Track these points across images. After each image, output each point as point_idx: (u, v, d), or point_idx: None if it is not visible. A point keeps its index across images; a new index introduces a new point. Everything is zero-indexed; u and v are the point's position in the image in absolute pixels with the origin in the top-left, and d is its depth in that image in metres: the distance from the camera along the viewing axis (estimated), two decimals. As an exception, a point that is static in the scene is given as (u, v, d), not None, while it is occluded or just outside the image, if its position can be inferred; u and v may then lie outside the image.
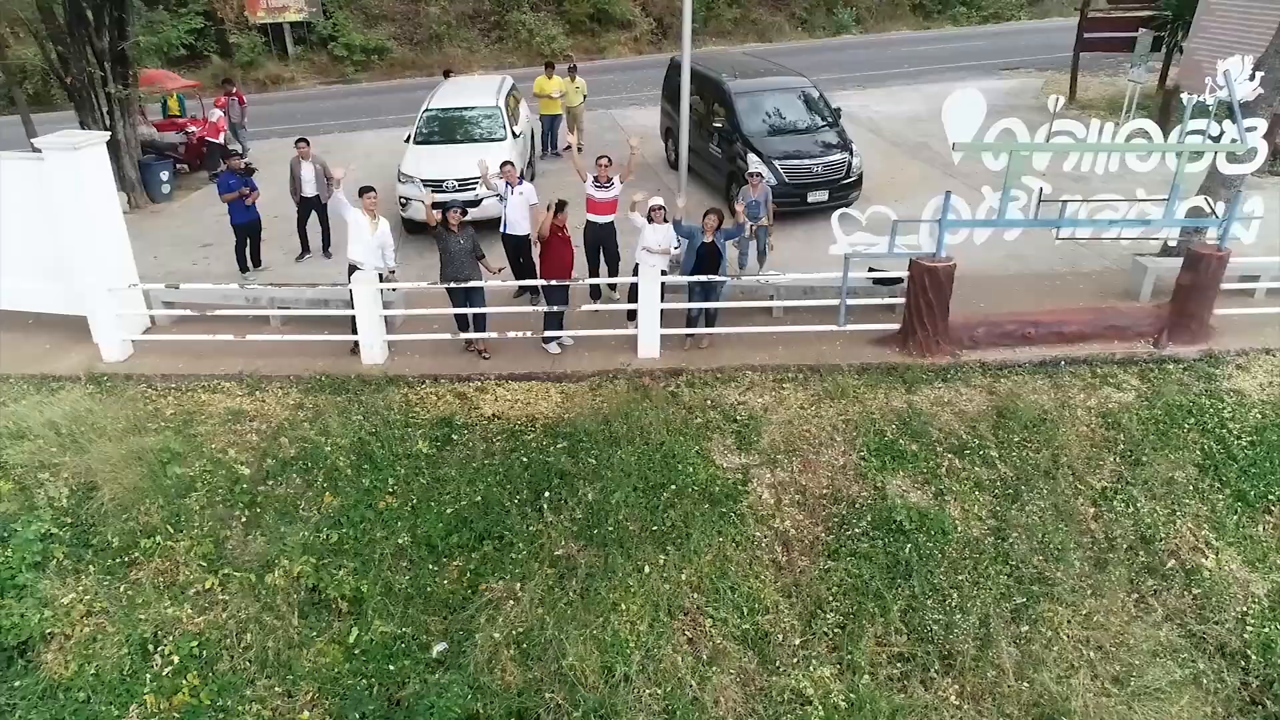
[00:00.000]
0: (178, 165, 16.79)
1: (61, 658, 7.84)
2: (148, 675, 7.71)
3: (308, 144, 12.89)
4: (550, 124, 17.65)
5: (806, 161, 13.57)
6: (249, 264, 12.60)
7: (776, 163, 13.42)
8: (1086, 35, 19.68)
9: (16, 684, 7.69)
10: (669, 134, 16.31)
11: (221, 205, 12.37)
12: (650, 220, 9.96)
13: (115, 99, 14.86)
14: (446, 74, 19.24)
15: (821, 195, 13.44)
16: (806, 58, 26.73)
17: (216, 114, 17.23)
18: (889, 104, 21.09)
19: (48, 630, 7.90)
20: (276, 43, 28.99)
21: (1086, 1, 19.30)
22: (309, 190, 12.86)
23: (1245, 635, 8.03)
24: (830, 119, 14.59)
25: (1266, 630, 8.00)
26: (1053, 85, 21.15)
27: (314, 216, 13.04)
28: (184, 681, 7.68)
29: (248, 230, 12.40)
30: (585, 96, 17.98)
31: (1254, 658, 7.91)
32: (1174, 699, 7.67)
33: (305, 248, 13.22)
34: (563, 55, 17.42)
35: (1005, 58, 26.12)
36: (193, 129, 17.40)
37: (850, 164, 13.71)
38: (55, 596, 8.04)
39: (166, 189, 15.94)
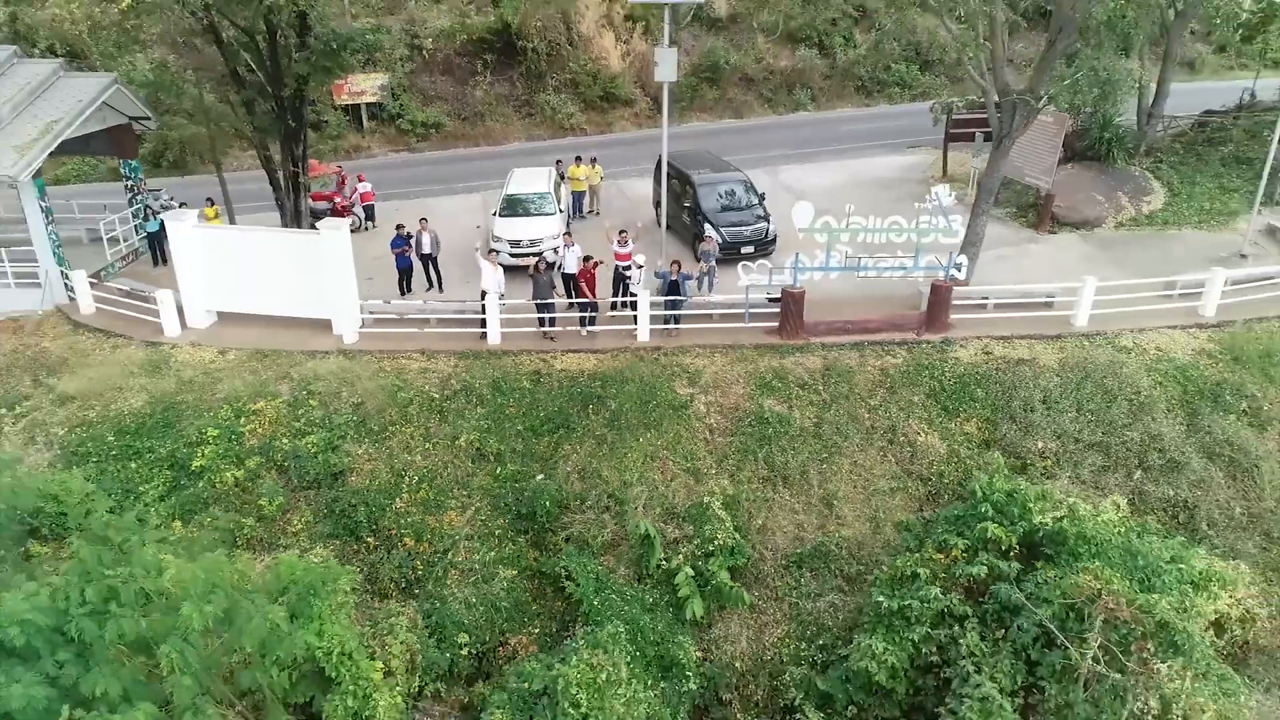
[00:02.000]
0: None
1: (357, 480, 16.77)
2: (402, 486, 16.63)
3: (426, 221, 21.97)
4: (579, 198, 26.85)
5: (742, 229, 22.68)
6: (403, 291, 21.65)
7: (723, 229, 22.53)
8: (952, 130, 28.89)
9: (340, 492, 16.55)
10: (658, 205, 25.40)
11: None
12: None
13: (301, 184, 24.03)
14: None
15: (750, 249, 22.50)
16: (767, 134, 36.22)
17: (366, 186, 26.41)
18: (817, 176, 30.13)
19: (350, 466, 16.84)
20: (355, 119, 38.32)
21: (951, 109, 28.33)
22: (426, 250, 21.84)
23: (931, 471, 16.94)
24: (758, 199, 23.73)
25: (941, 469, 16.89)
26: (937, 165, 30.26)
27: (427, 265, 21.84)
28: (420, 490, 16.62)
29: (404, 270, 21.48)
30: (602, 177, 27.21)
31: (933, 481, 16.83)
32: (892, 497, 16.59)
33: (429, 285, 22.11)
34: (592, 160, 26.62)
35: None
36: (337, 200, 26.54)
37: (768, 229, 22.83)
38: (351, 451, 16.99)
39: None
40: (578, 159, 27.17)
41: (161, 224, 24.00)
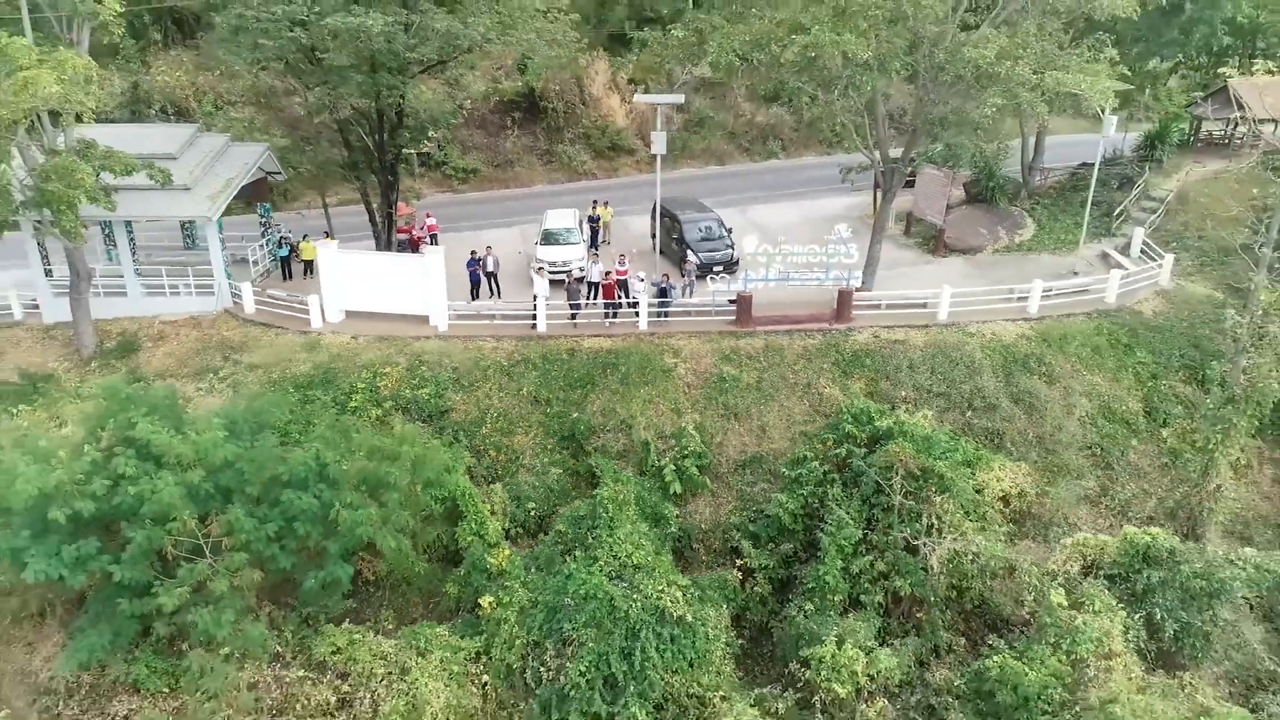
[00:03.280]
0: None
1: (456, 416, 26.27)
2: (486, 420, 26.13)
3: (491, 248, 31.64)
4: (594, 230, 36.58)
5: (714, 254, 32.37)
6: (473, 296, 31.26)
7: (701, 254, 32.20)
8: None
9: (445, 424, 26.00)
10: (654, 236, 35.11)
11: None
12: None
13: (393, 220, 33.72)
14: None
15: (720, 269, 32.13)
16: (743, 179, 46.12)
17: (432, 220, 36.13)
18: (779, 214, 39.87)
19: (451, 407, 26.36)
20: (407, 166, 48.12)
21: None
22: (490, 268, 31.52)
23: (831, 411, 26.37)
24: (727, 232, 33.41)
25: (838, 409, 26.32)
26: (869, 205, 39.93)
27: (491, 280, 31.53)
28: (498, 422, 26.10)
29: (474, 283, 31.12)
30: (613, 215, 36.95)
31: (831, 416, 26.25)
32: (805, 426, 26.06)
33: (492, 293, 31.73)
34: (605, 203, 36.35)
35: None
36: (413, 232, 36.19)
37: (733, 255, 32.50)
38: (451, 398, 26.51)
39: (409, 263, 34.65)
40: (594, 203, 36.92)
41: (290, 249, 33.83)
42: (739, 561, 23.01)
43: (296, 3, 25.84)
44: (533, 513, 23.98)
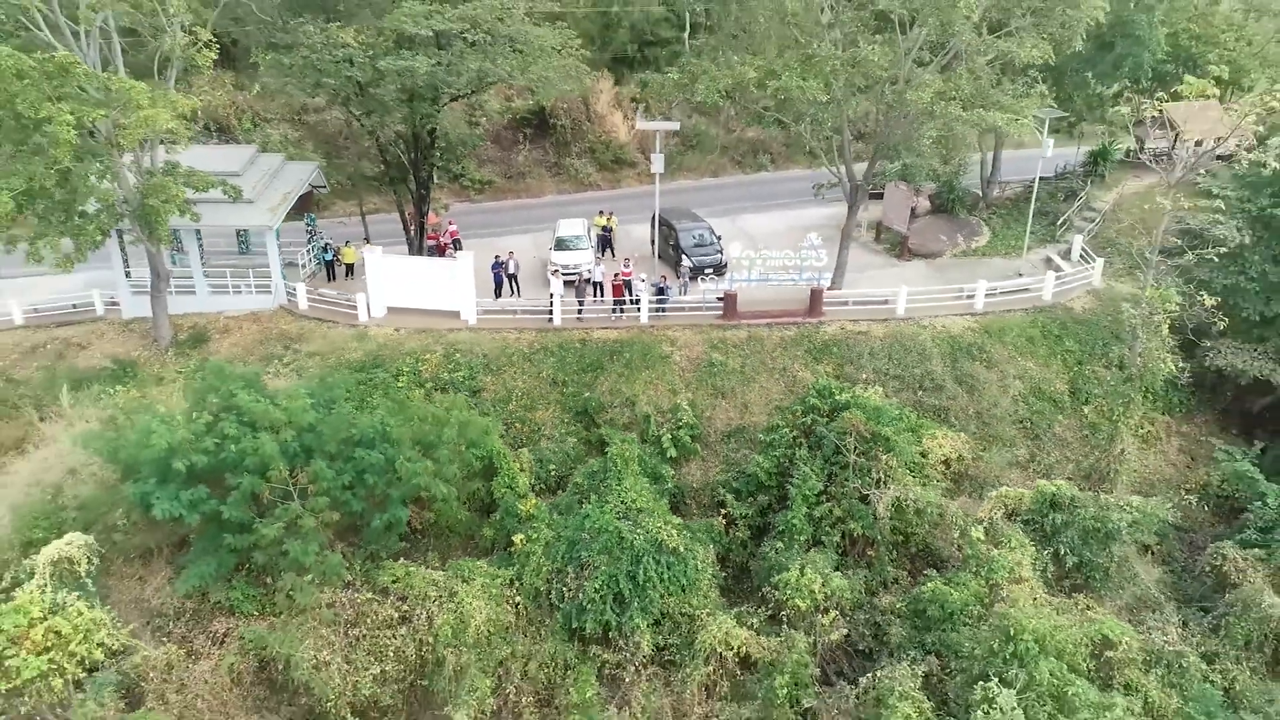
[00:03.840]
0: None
1: (486, 395, 31.44)
2: (512, 398, 31.31)
3: (513, 252, 36.84)
4: (603, 238, 41.75)
5: (705, 259, 37.58)
6: (497, 295, 36.45)
7: (694, 259, 37.43)
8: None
9: (477, 400, 31.16)
10: (653, 243, 40.31)
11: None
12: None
13: (423, 227, 38.91)
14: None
15: (710, 270, 37.32)
16: (735, 190, 51.36)
17: (454, 227, 41.36)
18: (766, 223, 45.03)
19: (482, 387, 31.51)
20: (437, 181, 53.30)
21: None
22: (511, 270, 36.73)
23: (803, 390, 31.54)
24: (717, 239, 38.63)
25: (808, 392, 31.49)
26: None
27: (512, 280, 36.81)
28: (522, 400, 31.28)
29: (498, 283, 36.31)
30: (617, 223, 42.15)
31: (798, 393, 31.44)
32: (781, 403, 31.22)
33: (513, 292, 36.95)
34: (608, 213, 41.64)
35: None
36: (440, 239, 41.34)
37: (722, 259, 37.69)
38: (482, 379, 31.71)
39: (438, 266, 39.88)
40: (600, 213, 42.14)
41: (335, 253, 39.04)
42: (723, 512, 28.15)
43: (354, 47, 31.02)
44: (553, 473, 29.15)
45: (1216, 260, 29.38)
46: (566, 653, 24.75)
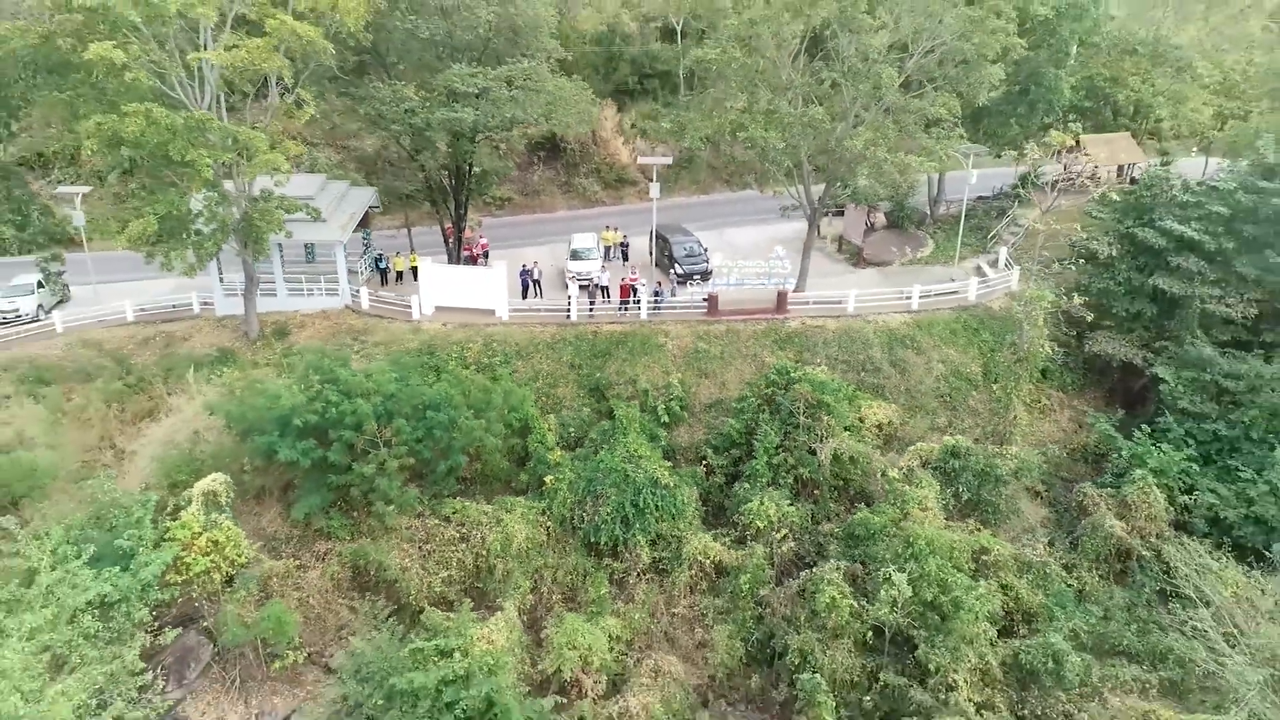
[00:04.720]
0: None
1: (518, 375, 40.23)
2: (538, 377, 40.13)
3: (537, 261, 45.66)
4: (607, 249, 50.55)
5: (695, 267, 46.46)
6: (524, 297, 45.24)
7: (685, 267, 46.26)
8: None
9: (512, 378, 39.98)
10: (651, 253, 49.11)
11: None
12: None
13: (461, 240, 47.72)
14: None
15: (698, 277, 46.14)
16: (723, 206, 60.28)
17: (484, 239, 50.19)
18: (747, 236, 53.88)
19: (514, 369, 40.29)
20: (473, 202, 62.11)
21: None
22: (535, 277, 45.55)
23: (770, 371, 40.28)
24: (704, 250, 47.49)
25: (771, 371, 40.25)
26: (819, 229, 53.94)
27: (536, 285, 45.60)
28: (546, 379, 40.08)
29: (525, 286, 45.11)
30: (624, 237, 50.96)
31: (767, 378, 40.20)
32: (753, 380, 40.01)
33: (537, 294, 45.73)
34: (614, 228, 50.55)
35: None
36: (473, 251, 50.12)
37: (708, 267, 46.51)
38: (514, 363, 40.54)
39: (472, 272, 48.70)
40: (607, 227, 51.01)
41: (387, 262, 47.86)
42: (704, 462, 36.98)
43: (414, 100, 39.90)
44: (572, 434, 37.97)
45: (1091, 269, 38.21)
46: (585, 563, 33.57)
